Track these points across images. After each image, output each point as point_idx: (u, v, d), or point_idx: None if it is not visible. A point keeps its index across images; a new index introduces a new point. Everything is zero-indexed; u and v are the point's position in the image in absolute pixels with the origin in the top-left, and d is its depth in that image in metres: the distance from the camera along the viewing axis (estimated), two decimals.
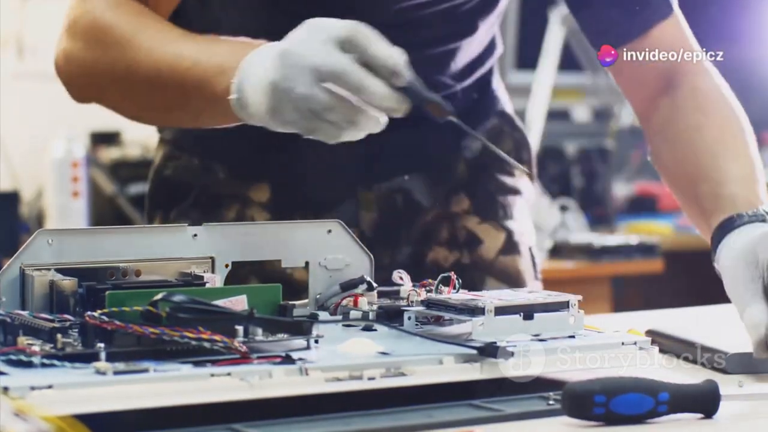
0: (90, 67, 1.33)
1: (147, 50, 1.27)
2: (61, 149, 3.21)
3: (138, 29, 1.29)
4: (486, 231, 1.51)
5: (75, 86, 1.37)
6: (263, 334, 1.00)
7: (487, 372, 1.02)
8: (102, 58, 1.31)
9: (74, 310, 1.04)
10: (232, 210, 1.46)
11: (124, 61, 1.28)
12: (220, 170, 1.47)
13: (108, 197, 3.34)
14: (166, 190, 1.51)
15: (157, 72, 1.26)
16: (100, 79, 1.33)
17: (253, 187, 1.46)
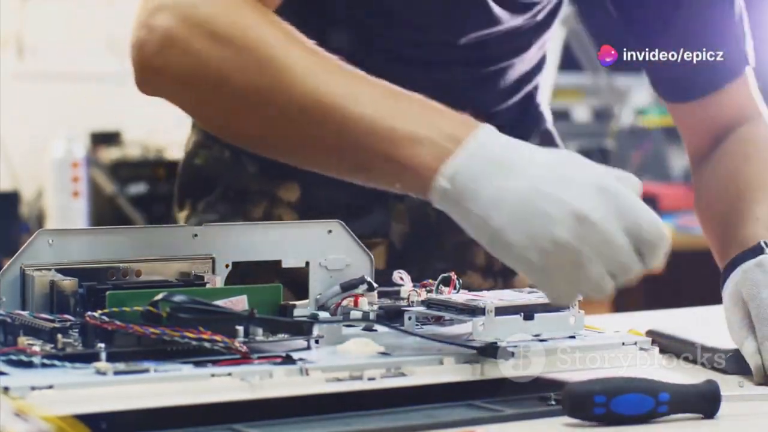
0: (214, 70, 1.11)
1: (305, 79, 1.08)
2: (61, 149, 3.21)
3: (294, 54, 1.10)
4: None
5: (165, 76, 1.14)
6: (264, 334, 1.00)
7: (487, 372, 1.02)
8: (239, 71, 1.10)
9: (74, 310, 1.04)
10: (259, 207, 1.43)
11: (272, 84, 1.09)
12: (251, 165, 1.44)
13: (108, 197, 3.34)
14: (196, 180, 1.47)
15: (320, 109, 1.08)
16: (220, 88, 1.12)
17: (283, 186, 1.43)
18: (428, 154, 1.03)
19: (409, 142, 1.04)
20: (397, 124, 1.05)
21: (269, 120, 1.11)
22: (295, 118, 1.08)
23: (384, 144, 1.05)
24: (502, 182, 1.00)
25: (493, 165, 1.01)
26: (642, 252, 1.01)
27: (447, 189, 1.02)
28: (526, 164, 1.01)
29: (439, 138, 1.03)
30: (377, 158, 1.05)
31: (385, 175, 1.07)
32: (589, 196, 1.00)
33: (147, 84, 1.16)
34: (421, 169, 1.03)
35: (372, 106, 1.06)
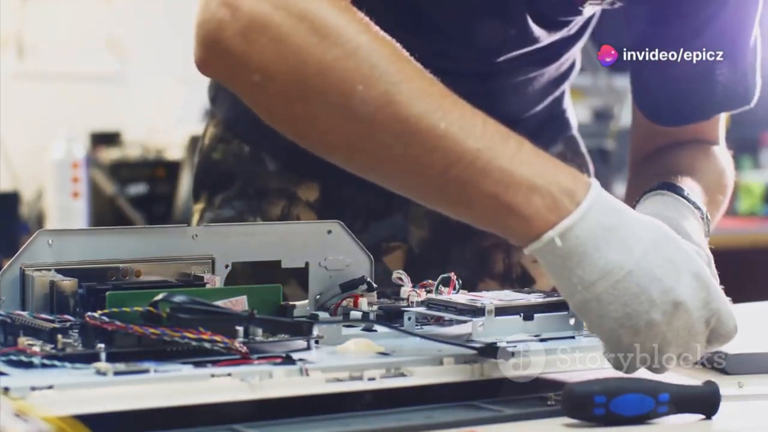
0: (312, 68, 1.03)
1: (419, 99, 1.02)
2: (61, 149, 3.21)
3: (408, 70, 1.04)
4: (539, 270, 1.46)
5: (245, 63, 1.04)
6: (263, 334, 1.00)
7: (487, 372, 1.02)
8: (344, 76, 1.02)
9: (74, 310, 1.04)
10: (277, 206, 1.42)
11: (380, 97, 1.02)
12: (271, 163, 1.42)
13: (108, 197, 3.34)
14: (213, 174, 1.45)
15: (432, 136, 1.02)
16: (312, 90, 1.03)
17: (303, 185, 1.41)
18: (543, 206, 1.01)
19: (525, 189, 1.01)
20: (514, 167, 1.01)
21: (366, 135, 1.04)
22: (399, 139, 1.02)
23: (497, 186, 1.01)
24: (611, 253, 1.00)
25: (604, 230, 1.01)
26: (711, 339, 1.05)
27: (557, 246, 1.00)
28: (633, 239, 1.01)
29: (557, 192, 1.01)
30: (485, 198, 1.02)
31: (487, 216, 1.03)
32: (689, 284, 1.02)
33: (215, 67, 1.08)
34: (533, 220, 1.01)
35: (486, 143, 1.02)
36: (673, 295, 1.01)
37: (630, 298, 1.00)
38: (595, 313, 1.01)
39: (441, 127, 1.01)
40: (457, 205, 1.05)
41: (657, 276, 1.00)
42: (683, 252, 1.03)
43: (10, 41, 3.54)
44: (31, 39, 3.54)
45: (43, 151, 3.27)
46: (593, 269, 1.00)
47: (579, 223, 1.00)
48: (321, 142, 1.07)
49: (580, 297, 1.01)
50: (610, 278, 1.00)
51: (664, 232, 1.04)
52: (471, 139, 1.01)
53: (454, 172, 1.01)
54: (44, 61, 3.56)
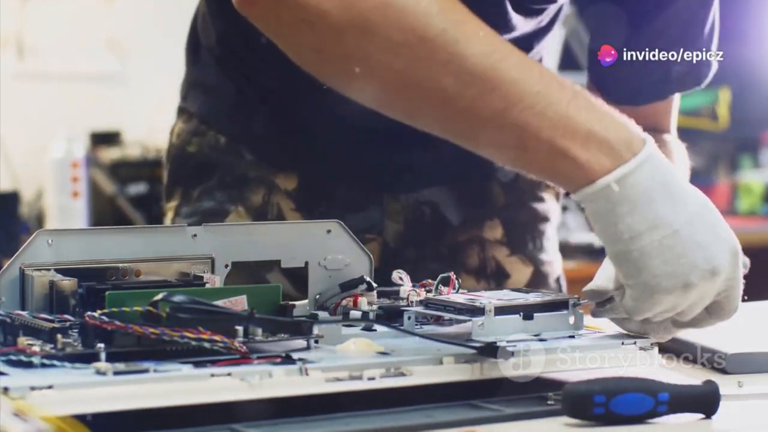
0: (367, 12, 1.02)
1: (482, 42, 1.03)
2: (61, 149, 3.21)
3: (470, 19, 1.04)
4: (514, 265, 1.47)
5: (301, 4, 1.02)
6: (263, 334, 1.00)
7: (486, 372, 1.02)
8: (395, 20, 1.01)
9: (74, 310, 1.04)
10: (258, 194, 1.40)
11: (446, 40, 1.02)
12: (248, 152, 1.41)
13: (108, 197, 3.34)
14: (190, 167, 1.45)
15: (494, 76, 1.02)
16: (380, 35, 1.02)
17: (281, 175, 1.41)
18: (600, 153, 1.02)
19: (583, 134, 1.02)
20: (571, 113, 1.03)
21: (423, 73, 1.03)
22: (456, 78, 1.02)
23: (554, 130, 1.02)
24: (661, 208, 1.02)
25: (658, 184, 1.03)
26: (713, 311, 1.08)
27: (612, 191, 1.02)
28: (683, 199, 1.03)
29: (614, 140, 1.03)
30: (541, 142, 1.03)
31: (543, 159, 1.04)
32: (727, 255, 1.05)
33: (261, 5, 1.05)
34: (589, 165, 1.02)
35: (544, 87, 1.03)
36: (713, 263, 1.03)
37: (672, 257, 1.02)
38: (634, 264, 1.03)
39: (500, 69, 1.02)
40: (512, 148, 1.05)
41: (701, 242, 1.03)
42: (724, 225, 1.05)
43: (10, 41, 3.53)
44: (31, 39, 3.54)
45: (43, 151, 3.27)
46: (643, 220, 1.01)
47: (636, 172, 1.02)
48: (371, 80, 1.05)
49: (623, 246, 1.03)
50: (657, 233, 1.02)
51: (710, 201, 1.06)
52: (530, 83, 1.02)
53: (511, 116, 1.02)
54: (44, 61, 3.56)
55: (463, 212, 1.44)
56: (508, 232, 1.47)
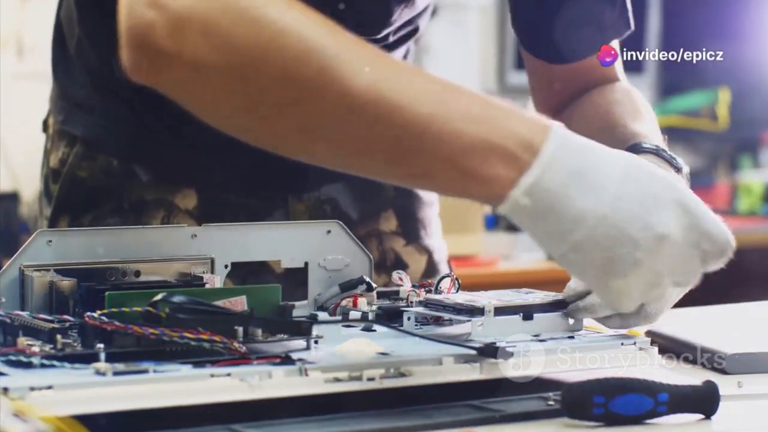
0: (244, 56, 0.98)
1: (360, 72, 0.97)
2: None
3: (343, 42, 0.99)
4: (410, 254, 1.47)
5: (179, 62, 0.99)
6: (263, 334, 1.00)
7: (486, 372, 1.02)
8: (278, 59, 0.97)
9: (74, 310, 1.04)
10: (156, 218, 1.36)
11: (319, 75, 0.97)
12: (144, 173, 1.36)
13: None
14: (80, 194, 1.38)
15: (379, 107, 0.96)
16: (249, 78, 0.98)
17: (179, 194, 1.36)
18: (502, 166, 0.96)
19: (481, 150, 0.96)
20: (465, 127, 0.96)
21: (312, 118, 0.98)
22: (344, 116, 0.97)
23: (451, 150, 0.96)
24: (582, 200, 0.96)
25: (571, 176, 0.96)
26: (707, 259, 1.00)
27: (525, 204, 0.96)
28: (603, 178, 0.97)
29: (515, 146, 0.96)
30: (443, 166, 0.97)
31: (450, 183, 0.98)
32: (670, 215, 0.98)
33: (149, 71, 1.01)
34: (495, 181, 0.96)
35: (436, 106, 0.96)
36: (655, 229, 0.97)
37: (610, 243, 0.97)
38: (576, 263, 0.98)
39: (387, 98, 0.96)
40: (418, 177, 1.01)
41: (634, 213, 0.97)
42: (658, 180, 0.99)
43: (9, 41, 3.53)
44: (31, 39, 3.54)
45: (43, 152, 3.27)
46: (565, 219, 0.96)
47: (543, 176, 0.96)
48: (264, 132, 1.02)
49: (558, 250, 0.98)
50: (584, 225, 0.96)
51: (635, 163, 1.00)
52: (419, 105, 0.96)
53: (406, 143, 0.97)
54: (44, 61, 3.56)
55: (359, 207, 1.43)
56: (402, 222, 1.46)
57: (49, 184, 1.42)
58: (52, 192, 1.41)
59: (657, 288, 1.00)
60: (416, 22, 1.41)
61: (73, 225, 1.37)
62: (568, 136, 0.99)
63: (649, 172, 0.99)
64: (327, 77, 0.96)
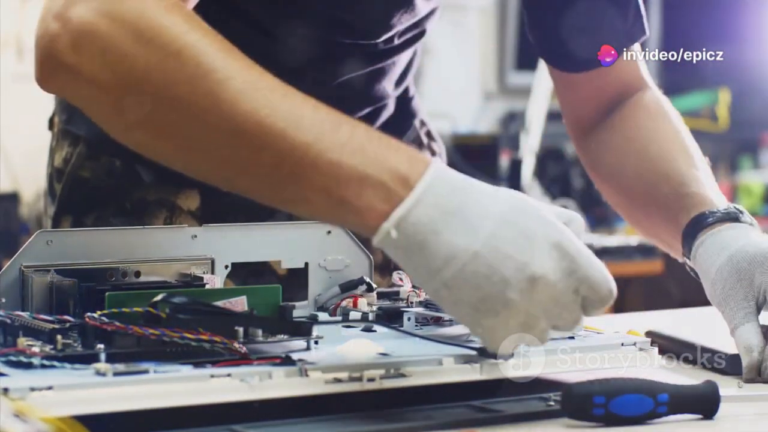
0: (138, 74, 1.00)
1: (243, 97, 0.98)
2: None
3: (233, 68, 1.00)
4: None
5: (78, 75, 1.02)
6: (263, 335, 1.00)
7: (486, 373, 1.02)
8: (168, 79, 0.99)
9: (74, 311, 1.04)
10: (158, 218, 1.36)
11: (205, 98, 0.99)
12: (146, 174, 1.37)
13: None
14: (83, 194, 1.39)
15: (259, 133, 0.98)
16: (142, 96, 1.01)
17: (182, 194, 1.37)
18: (375, 197, 0.97)
19: (355, 182, 0.97)
20: (343, 158, 0.97)
21: (197, 139, 1.01)
22: (227, 139, 0.99)
23: (327, 179, 0.97)
24: (454, 237, 0.95)
25: (444, 214, 0.96)
26: (586, 306, 0.99)
27: (395, 238, 0.96)
28: (479, 217, 0.96)
29: (389, 180, 0.97)
30: (318, 193, 0.98)
31: (325, 211, 1.00)
32: (546, 256, 0.96)
33: (52, 81, 1.04)
34: (366, 213, 0.97)
35: (315, 134, 0.98)
36: (528, 270, 0.95)
37: (481, 281, 0.95)
38: (448, 300, 0.97)
39: (267, 123, 0.98)
40: (295, 203, 1.01)
41: (508, 253, 0.95)
42: (540, 221, 0.97)
43: (9, 42, 3.54)
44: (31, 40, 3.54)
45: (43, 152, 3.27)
46: (436, 256, 0.95)
47: (413, 210, 0.96)
48: (155, 149, 1.04)
49: (430, 286, 0.97)
50: (455, 263, 0.95)
51: (519, 202, 0.98)
52: (300, 133, 0.97)
53: (285, 170, 0.98)
54: None
55: None
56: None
57: (53, 183, 1.43)
58: (56, 191, 1.41)
59: (532, 330, 0.98)
60: (423, 25, 1.41)
61: (75, 225, 1.37)
62: (446, 173, 0.98)
63: (531, 214, 0.98)
64: (214, 100, 0.98)
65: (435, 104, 4.14)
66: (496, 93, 4.65)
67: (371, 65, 1.36)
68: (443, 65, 4.46)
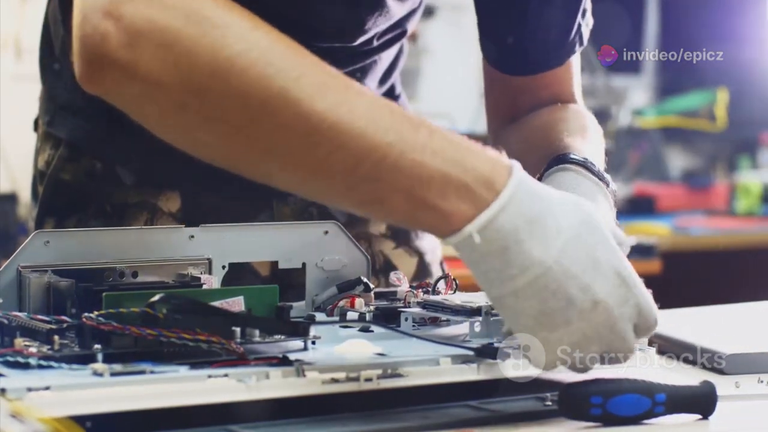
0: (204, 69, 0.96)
1: (319, 95, 0.96)
2: None
3: (306, 64, 0.98)
4: (400, 257, 1.45)
5: (134, 73, 0.97)
6: (260, 335, 1.00)
7: (484, 373, 1.02)
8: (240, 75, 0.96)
9: (71, 311, 1.04)
10: (139, 221, 1.34)
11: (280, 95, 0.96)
12: (127, 176, 1.35)
13: None
14: (64, 196, 1.37)
15: (337, 132, 0.95)
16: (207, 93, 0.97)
17: (163, 196, 1.35)
18: (459, 200, 0.96)
19: (439, 182, 0.96)
20: (426, 159, 0.96)
21: (268, 140, 0.98)
22: (302, 139, 0.96)
23: (409, 180, 0.95)
24: (532, 248, 0.96)
25: (526, 222, 0.96)
26: (637, 333, 1.01)
27: (476, 243, 0.96)
28: (553, 227, 0.97)
29: (473, 182, 0.96)
30: (398, 194, 0.96)
31: (403, 212, 0.98)
32: (610, 283, 0.98)
33: (101, 81, 0.99)
34: (450, 215, 0.96)
35: (396, 135, 0.96)
36: (591, 293, 0.97)
37: (548, 295, 0.96)
38: (511, 308, 0.98)
39: (346, 123, 0.95)
40: (371, 203, 0.99)
41: (576, 273, 0.97)
42: (605, 245, 0.99)
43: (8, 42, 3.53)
44: (30, 40, 3.53)
45: None
46: (513, 264, 0.96)
47: (499, 216, 0.96)
48: (220, 150, 1.01)
49: (497, 292, 0.97)
50: (529, 274, 0.96)
51: (588, 219, 0.99)
52: (380, 133, 0.96)
53: (363, 170, 0.96)
54: None
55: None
56: (391, 224, 1.44)
57: (36, 186, 1.42)
58: (39, 193, 1.41)
59: (583, 351, 0.99)
60: (403, 25, 1.39)
61: (57, 227, 1.36)
62: (528, 180, 0.99)
63: (598, 235, 0.99)
64: (287, 99, 0.96)
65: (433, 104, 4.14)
66: None
67: (351, 65, 1.35)
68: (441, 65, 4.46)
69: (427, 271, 1.47)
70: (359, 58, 1.37)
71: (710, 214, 4.29)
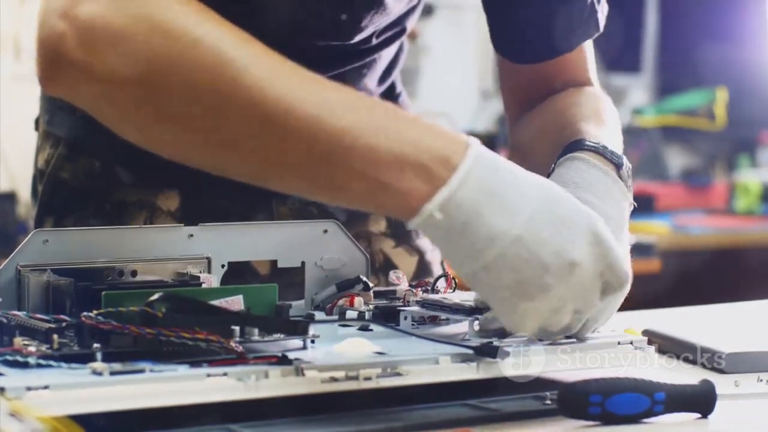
0: (156, 67, 0.98)
1: (271, 83, 0.97)
2: None
3: (255, 53, 0.99)
4: (400, 256, 1.45)
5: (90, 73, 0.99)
6: (259, 334, 1.00)
7: (483, 371, 1.02)
8: (190, 70, 0.97)
9: (70, 310, 1.04)
10: (138, 220, 1.34)
11: (231, 87, 0.97)
12: (126, 175, 1.35)
13: None
14: (63, 195, 1.37)
15: (290, 120, 0.96)
16: (161, 90, 0.99)
17: (162, 195, 1.35)
18: (417, 179, 0.96)
19: (395, 164, 0.96)
20: (381, 142, 0.96)
21: (222, 131, 0.99)
22: (255, 128, 0.97)
23: (365, 164, 0.96)
24: (496, 219, 0.96)
25: (487, 195, 0.96)
26: (606, 290, 1.01)
27: (438, 219, 0.96)
28: (518, 198, 0.97)
29: (429, 161, 0.96)
30: (355, 179, 0.97)
31: (362, 196, 0.98)
32: (582, 242, 0.98)
33: (59, 82, 1.01)
34: (408, 194, 0.96)
35: (349, 119, 0.96)
36: (567, 256, 0.97)
37: (520, 264, 0.96)
38: (485, 283, 0.97)
39: (298, 109, 0.96)
40: (329, 190, 1.00)
41: (547, 238, 0.97)
42: (575, 207, 0.99)
43: (7, 42, 3.53)
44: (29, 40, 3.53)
45: None
46: (478, 238, 0.96)
47: (458, 191, 0.96)
48: (177, 145, 1.02)
49: (468, 268, 0.97)
50: (497, 246, 0.96)
51: (554, 189, 1.00)
52: (333, 118, 0.96)
53: (318, 157, 0.96)
54: None
55: (348, 208, 1.38)
56: (391, 223, 1.44)
57: (36, 185, 1.42)
58: (38, 192, 1.41)
59: (557, 314, 1.00)
60: (402, 23, 1.39)
61: (56, 226, 1.36)
62: (485, 154, 0.98)
63: (564, 198, 1.00)
64: (237, 88, 0.96)
65: (433, 103, 4.14)
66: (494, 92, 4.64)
67: (350, 64, 1.35)
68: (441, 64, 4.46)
69: (428, 269, 1.47)
70: (358, 56, 1.36)
71: (709, 213, 4.29)
